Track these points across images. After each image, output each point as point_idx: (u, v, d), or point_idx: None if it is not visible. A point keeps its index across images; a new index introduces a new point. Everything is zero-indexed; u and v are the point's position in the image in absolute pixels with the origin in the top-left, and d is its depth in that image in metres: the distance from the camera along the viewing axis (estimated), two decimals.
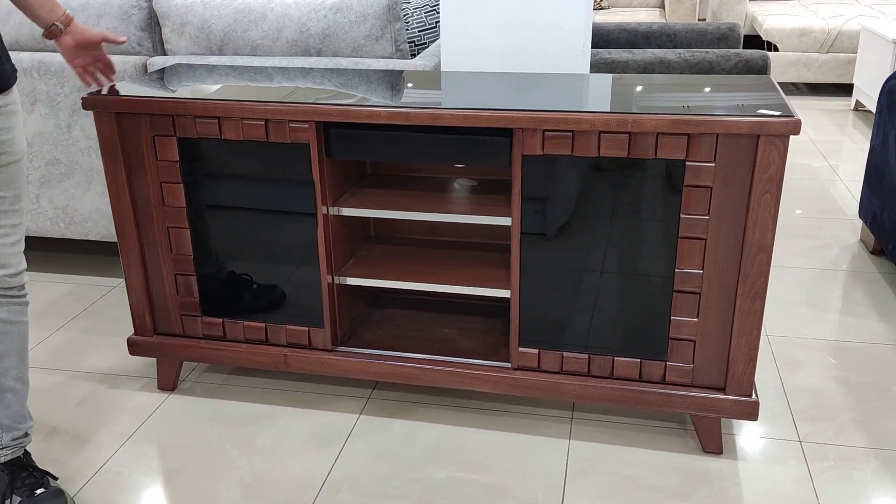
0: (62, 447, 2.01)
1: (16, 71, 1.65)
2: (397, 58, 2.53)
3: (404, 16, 2.78)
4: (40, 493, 1.74)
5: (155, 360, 2.29)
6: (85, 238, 2.82)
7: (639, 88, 1.92)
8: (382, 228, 2.35)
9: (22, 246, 1.69)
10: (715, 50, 3.20)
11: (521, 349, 1.96)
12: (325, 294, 2.03)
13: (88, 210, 2.75)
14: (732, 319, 1.80)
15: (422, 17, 2.82)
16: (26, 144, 1.73)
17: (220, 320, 2.12)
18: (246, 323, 2.11)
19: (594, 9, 6.15)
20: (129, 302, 2.14)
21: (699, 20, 5.67)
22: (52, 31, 1.79)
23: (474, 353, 2.08)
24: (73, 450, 2.00)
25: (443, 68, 2.49)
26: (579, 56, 2.30)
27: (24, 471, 1.77)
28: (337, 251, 2.06)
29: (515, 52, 2.34)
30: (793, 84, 5.71)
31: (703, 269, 1.78)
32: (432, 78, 2.10)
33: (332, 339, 2.08)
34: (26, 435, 1.78)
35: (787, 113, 1.62)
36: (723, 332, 1.82)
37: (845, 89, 5.54)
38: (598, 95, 1.87)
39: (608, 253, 1.83)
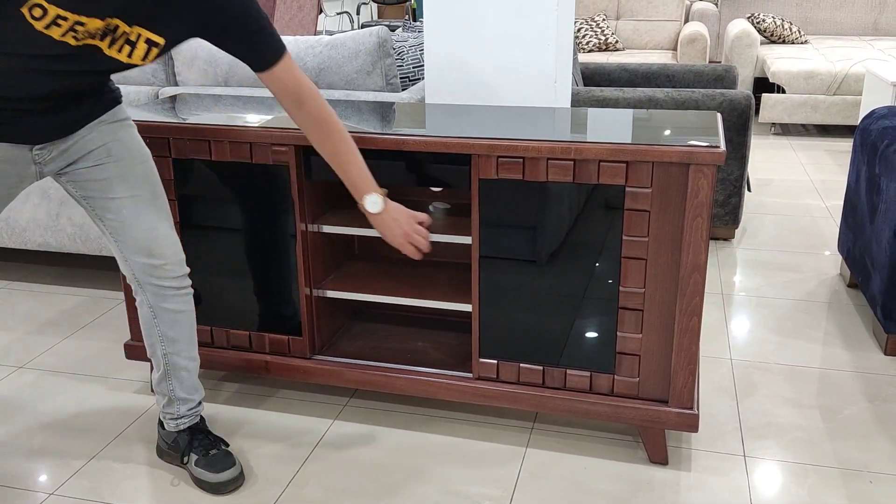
0: (60, 440, 2.18)
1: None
2: (388, 91, 2.72)
3: (400, 53, 2.98)
4: (213, 454, 2.01)
5: (149, 364, 2.46)
6: (99, 254, 3.03)
7: (595, 120, 2.07)
8: (366, 248, 2.52)
9: (173, 239, 1.86)
10: (701, 90, 3.34)
11: (481, 360, 2.10)
12: (304, 305, 2.19)
13: None
14: (673, 336, 1.92)
15: (417, 55, 3.01)
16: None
17: (209, 327, 2.29)
18: (231, 331, 2.28)
19: (608, 50, 6.33)
20: (126, 308, 2.33)
21: (710, 62, 5.82)
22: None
23: (443, 364, 2.22)
24: (68, 442, 2.17)
25: (427, 101, 2.67)
26: (552, 91, 2.46)
27: (202, 433, 2.04)
28: (317, 266, 2.23)
29: (493, 86, 2.51)
30: (802, 125, 5.81)
31: (644, 288, 1.91)
32: (415, 109, 2.28)
33: (309, 348, 2.24)
34: (199, 404, 2.06)
35: (715, 144, 1.77)
36: (665, 348, 1.95)
37: (854, 131, 5.63)
38: (556, 126, 2.02)
39: (561, 271, 1.97)
